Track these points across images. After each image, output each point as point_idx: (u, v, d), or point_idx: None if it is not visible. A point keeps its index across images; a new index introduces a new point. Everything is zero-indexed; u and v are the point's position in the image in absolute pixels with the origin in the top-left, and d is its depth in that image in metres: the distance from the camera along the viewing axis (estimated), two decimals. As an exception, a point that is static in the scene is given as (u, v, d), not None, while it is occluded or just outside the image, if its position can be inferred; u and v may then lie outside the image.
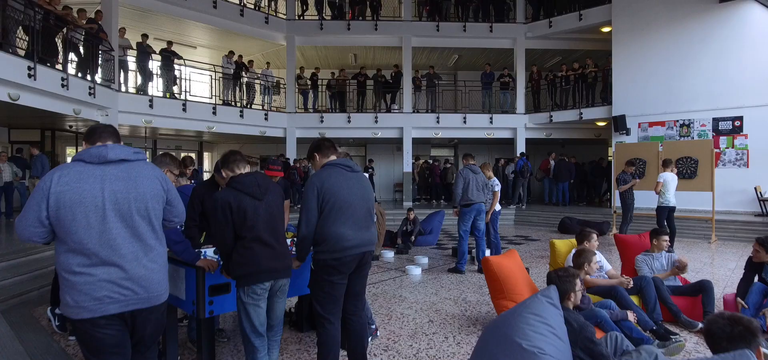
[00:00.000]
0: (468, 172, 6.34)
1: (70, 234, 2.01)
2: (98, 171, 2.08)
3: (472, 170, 6.41)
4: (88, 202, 2.03)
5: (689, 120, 12.12)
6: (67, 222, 2.00)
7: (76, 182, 2.04)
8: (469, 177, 6.30)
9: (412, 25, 15.26)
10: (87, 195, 2.03)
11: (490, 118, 15.23)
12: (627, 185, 8.66)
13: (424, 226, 9.09)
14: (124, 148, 2.17)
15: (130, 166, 2.14)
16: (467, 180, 6.26)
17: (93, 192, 2.04)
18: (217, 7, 13.19)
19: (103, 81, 10.69)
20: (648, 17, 12.67)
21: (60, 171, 2.07)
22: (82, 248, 2.02)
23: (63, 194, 2.00)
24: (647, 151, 10.48)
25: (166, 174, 2.44)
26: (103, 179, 2.07)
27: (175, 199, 2.27)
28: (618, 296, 3.91)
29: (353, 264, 2.88)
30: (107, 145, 2.15)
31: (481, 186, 6.49)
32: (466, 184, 6.25)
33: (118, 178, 2.09)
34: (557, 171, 14.32)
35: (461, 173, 6.31)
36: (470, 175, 6.33)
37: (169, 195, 2.24)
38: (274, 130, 14.94)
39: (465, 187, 6.24)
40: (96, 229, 2.03)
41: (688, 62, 12.05)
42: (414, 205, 15.09)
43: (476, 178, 6.40)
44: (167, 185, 2.25)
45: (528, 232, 11.25)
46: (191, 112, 12.59)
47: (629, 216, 8.82)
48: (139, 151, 2.22)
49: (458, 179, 6.27)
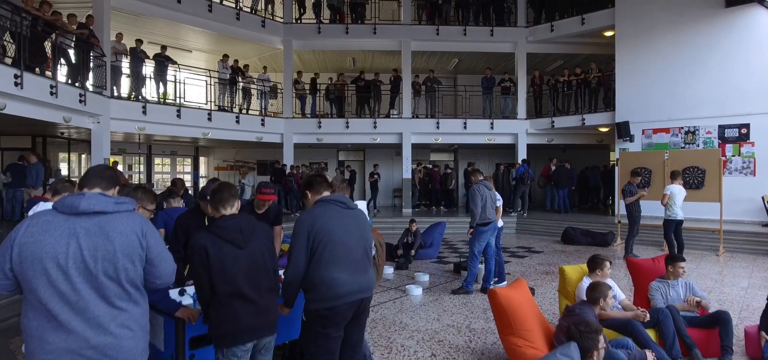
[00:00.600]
0: (483, 188, 6.10)
1: (32, 290, 1.80)
2: (68, 223, 1.84)
3: (486, 187, 6.17)
4: (50, 258, 1.79)
5: (694, 127, 11.88)
6: (30, 277, 1.79)
7: (41, 234, 1.81)
8: (485, 194, 6.06)
9: (411, 28, 14.99)
10: (50, 249, 1.80)
11: (491, 123, 14.97)
12: (633, 197, 8.40)
13: (425, 239, 8.83)
14: (102, 199, 1.91)
15: (105, 219, 1.88)
16: (483, 197, 6.02)
17: (57, 247, 1.80)
18: (212, 10, 12.90)
19: (94, 88, 10.40)
20: (652, 21, 12.42)
21: (30, 220, 1.86)
22: (42, 308, 1.79)
23: (27, 246, 1.79)
24: (653, 160, 10.23)
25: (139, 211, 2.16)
26: (71, 233, 1.83)
27: (157, 257, 1.96)
28: (634, 332, 3.65)
29: (349, 313, 2.59)
30: (83, 195, 1.92)
31: (492, 202, 6.26)
32: (484, 203, 6.00)
33: (89, 232, 1.84)
34: (557, 177, 14.07)
35: (477, 190, 6.05)
36: (486, 192, 6.09)
37: (151, 252, 1.95)
38: (271, 135, 14.66)
39: (483, 206, 6.00)
40: (57, 289, 1.79)
41: (694, 68, 11.81)
42: (414, 212, 14.83)
43: (490, 195, 6.17)
44: (149, 240, 1.95)
45: (530, 242, 11.00)
46: (186, 118, 12.30)
47: (636, 228, 8.55)
48: (122, 202, 1.96)
49: (475, 197, 6.01)
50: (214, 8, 12.96)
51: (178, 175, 17.35)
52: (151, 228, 2.00)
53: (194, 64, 17.02)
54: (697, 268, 7.86)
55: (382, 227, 12.48)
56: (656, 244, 10.03)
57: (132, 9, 11.75)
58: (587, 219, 12.51)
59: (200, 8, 12.68)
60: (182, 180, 5.33)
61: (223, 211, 2.42)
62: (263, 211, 4.21)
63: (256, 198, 4.15)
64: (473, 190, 6.08)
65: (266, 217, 4.23)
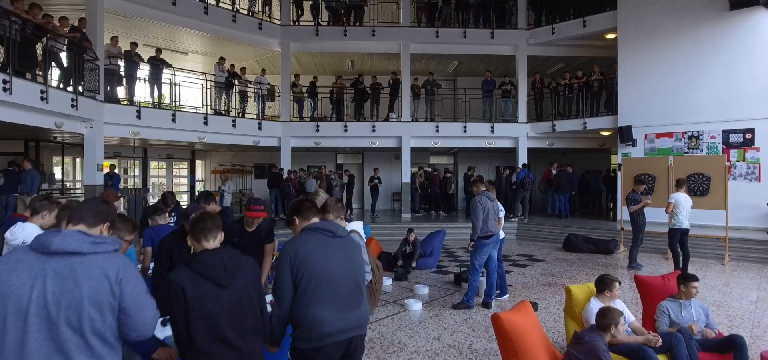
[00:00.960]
0: (486, 200, 5.89)
1: None
2: (38, 263, 1.66)
3: (489, 198, 5.96)
4: (11, 301, 1.61)
5: (698, 132, 11.69)
6: None
7: (7, 273, 1.64)
8: (487, 206, 5.85)
9: (410, 31, 14.79)
10: (14, 291, 1.62)
11: (491, 127, 14.77)
12: (638, 205, 8.21)
13: (424, 248, 8.63)
14: (78, 238, 1.71)
15: (79, 260, 1.68)
16: (486, 209, 5.81)
17: (21, 289, 1.62)
18: (208, 13, 12.69)
19: (87, 92, 10.19)
20: (655, 24, 12.24)
21: (4, 257, 1.73)
22: None
23: None
24: (656, 166, 10.04)
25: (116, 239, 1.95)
26: (38, 275, 1.64)
27: (133, 307, 1.73)
28: (646, 359, 3.45)
29: (337, 354, 2.37)
30: (59, 232, 1.72)
31: (495, 213, 6.06)
32: (486, 215, 5.80)
33: (58, 275, 1.65)
34: (558, 182, 13.88)
35: (479, 202, 5.84)
36: (488, 204, 5.88)
37: (125, 301, 1.72)
38: (268, 139, 14.45)
39: (485, 218, 5.79)
40: (11, 336, 1.61)
41: (697, 71, 11.62)
42: (414, 217, 14.65)
43: (493, 206, 5.97)
44: (124, 287, 1.72)
45: (532, 249, 10.80)
46: (181, 122, 12.10)
47: (640, 237, 8.37)
48: (101, 242, 1.76)
49: (476, 209, 5.80)
50: (210, 10, 12.75)
51: (174, 178, 17.16)
52: (131, 272, 1.77)
53: (190, 67, 16.83)
54: (703, 278, 7.65)
55: (380, 234, 12.29)
56: (659, 252, 9.85)
57: (126, 11, 11.54)
58: (589, 225, 12.31)
59: (196, 10, 12.47)
60: (172, 194, 5.12)
61: (206, 244, 2.21)
62: (254, 229, 4.02)
63: (246, 215, 3.96)
64: (475, 202, 5.87)
65: (257, 234, 4.04)
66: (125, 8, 11.43)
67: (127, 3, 11.28)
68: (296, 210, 2.62)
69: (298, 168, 14.96)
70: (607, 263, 9.01)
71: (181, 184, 17.55)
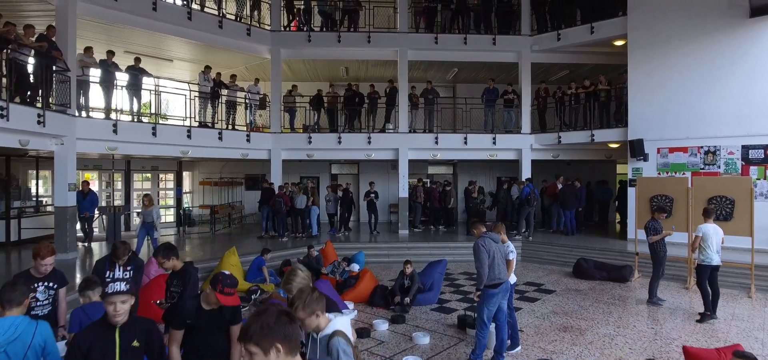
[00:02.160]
0: (489, 242, 5.10)
1: None
2: None
3: (492, 239, 5.18)
4: None
5: (715, 147, 10.95)
6: None
7: None
8: (492, 249, 5.06)
9: (408, 37, 14.00)
10: None
11: (493, 138, 14.00)
12: (659, 236, 7.45)
13: (424, 280, 7.84)
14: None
15: None
16: (491, 254, 5.03)
17: None
18: (192, 18, 11.87)
19: (57, 106, 9.37)
20: (668, 32, 11.50)
21: None
22: None
23: None
24: (674, 187, 9.29)
25: None
26: None
27: None
28: None
29: None
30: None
31: (503, 256, 5.28)
32: (492, 260, 5.01)
33: None
34: (564, 197, 13.12)
35: (482, 245, 5.04)
36: (493, 247, 5.10)
37: None
38: (258, 152, 13.65)
39: (491, 264, 5.01)
40: None
41: (715, 82, 10.88)
42: (412, 233, 13.87)
43: (499, 249, 5.18)
44: None
45: (539, 274, 10.03)
46: (162, 136, 11.28)
47: (661, 270, 7.61)
48: None
49: (480, 254, 5.00)
50: (195, 16, 11.93)
51: (159, 191, 16.31)
52: None
53: (176, 74, 16.06)
54: (732, 317, 6.92)
55: (376, 256, 11.53)
56: (678, 280, 9.11)
57: (102, 17, 10.71)
58: (598, 245, 11.55)
59: (178, 16, 11.66)
60: (125, 244, 4.30)
61: None
62: (216, 307, 3.20)
63: (210, 293, 3.14)
64: (477, 247, 5.08)
65: (219, 314, 3.22)
66: (101, 14, 10.61)
67: (102, 9, 10.46)
68: (282, 338, 1.74)
69: (291, 183, 14.15)
70: (623, 295, 8.25)
71: (167, 197, 16.71)
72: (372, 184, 13.73)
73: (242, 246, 11.79)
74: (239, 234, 14.13)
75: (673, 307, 7.50)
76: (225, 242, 12.46)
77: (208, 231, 14.01)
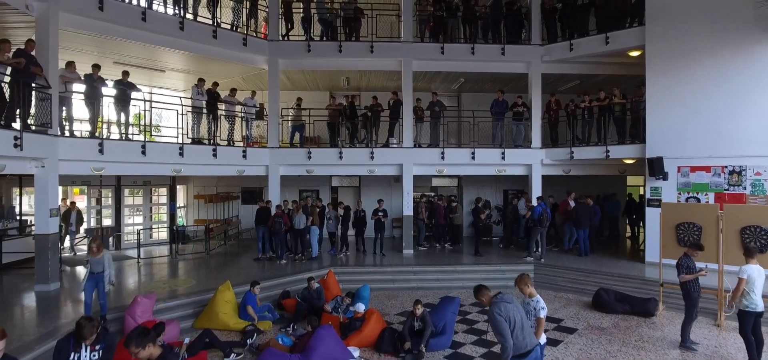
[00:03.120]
0: (506, 307, 4.34)
1: None
2: None
3: (506, 301, 4.43)
4: None
5: (740, 166, 10.32)
6: None
7: None
8: (512, 314, 4.34)
9: (412, 47, 13.32)
10: None
11: (502, 153, 13.34)
12: (692, 275, 6.79)
13: (435, 321, 7.16)
14: None
15: None
16: (512, 320, 4.32)
17: None
18: (184, 28, 11.16)
19: (36, 126, 8.67)
20: (690, 43, 10.85)
21: None
22: None
23: None
24: (702, 214, 8.62)
25: None
26: None
27: None
28: None
29: None
30: None
31: (525, 316, 4.60)
32: (514, 327, 4.31)
33: None
34: (577, 216, 12.46)
35: (497, 314, 4.27)
36: (511, 311, 4.37)
37: None
38: (254, 168, 12.94)
39: (513, 329, 4.30)
40: None
41: (741, 97, 10.24)
42: (418, 253, 13.21)
43: (520, 310, 4.48)
44: None
45: (556, 306, 9.36)
46: (153, 154, 10.56)
47: (694, 312, 6.97)
48: None
49: (499, 325, 4.24)
50: (187, 26, 11.23)
51: (151, 205, 15.59)
52: None
53: (170, 83, 15.37)
54: (779, 368, 6.27)
55: (381, 282, 10.86)
56: (707, 313, 8.47)
57: (88, 28, 9.99)
58: (615, 268, 10.89)
59: (169, 26, 10.96)
60: (91, 321, 3.58)
61: None
62: None
63: None
64: (494, 317, 4.29)
65: None
66: (86, 25, 9.89)
67: (87, 20, 9.75)
68: None
69: (291, 200, 13.45)
70: (652, 336, 7.59)
71: (160, 212, 16.00)
72: (380, 203, 13.00)
73: (238, 269, 11.12)
74: (235, 253, 13.44)
75: (709, 353, 6.85)
76: (220, 264, 11.78)
77: (203, 250, 13.31)
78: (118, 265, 11.80)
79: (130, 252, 13.18)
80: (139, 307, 7.11)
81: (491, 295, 4.52)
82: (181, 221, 16.06)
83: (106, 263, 7.21)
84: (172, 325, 7.29)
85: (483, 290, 4.60)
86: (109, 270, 7.25)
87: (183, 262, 12.06)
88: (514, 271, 11.50)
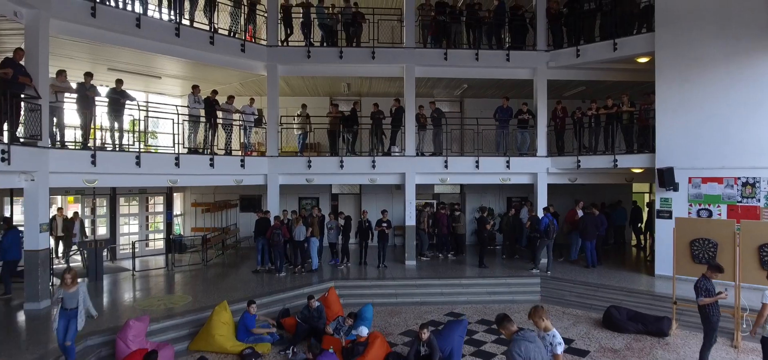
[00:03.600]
0: (524, 345, 4.02)
1: None
2: None
3: (527, 339, 4.11)
4: None
5: (755, 178, 10.00)
6: None
7: None
8: (532, 354, 4.02)
9: (415, 52, 12.99)
10: None
11: (507, 161, 13.01)
12: (711, 299, 6.47)
13: (442, 345, 6.83)
14: None
15: None
16: (532, 359, 4.00)
17: None
18: (180, 35, 10.83)
19: (25, 138, 8.33)
20: (701, 50, 10.53)
21: None
22: None
23: None
24: (718, 231, 8.30)
25: None
26: None
27: None
28: None
29: None
30: None
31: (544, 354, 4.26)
32: None
33: None
34: (584, 227, 12.13)
35: (518, 353, 3.98)
36: (532, 350, 4.05)
37: None
38: (253, 177, 12.61)
39: None
40: None
41: (755, 106, 9.93)
42: (420, 263, 12.88)
43: (540, 348, 4.15)
44: None
45: (565, 323, 9.04)
46: (147, 165, 10.23)
47: (713, 337, 6.63)
48: None
49: None
50: (183, 32, 10.90)
51: (148, 214, 15.23)
52: None
53: (166, 89, 15.04)
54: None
55: (383, 297, 10.54)
56: (723, 333, 8.10)
57: (81, 35, 9.65)
58: (624, 283, 10.56)
59: (165, 33, 10.63)
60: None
61: None
62: None
63: None
64: (513, 357, 3.99)
65: None
66: (79, 32, 9.56)
67: (79, 27, 9.42)
68: None
69: (291, 210, 13.10)
70: (664, 357, 7.27)
71: (156, 221, 15.64)
72: (384, 214, 12.64)
73: (236, 282, 10.78)
74: (233, 264, 13.10)
75: (729, 379, 6.53)
76: (218, 276, 11.45)
77: (200, 261, 12.97)
78: (112, 277, 11.48)
79: (125, 263, 12.84)
80: (130, 331, 6.78)
81: (514, 330, 4.19)
82: (177, 230, 15.71)
83: (81, 299, 6.24)
84: (165, 349, 6.97)
85: (506, 323, 4.27)
86: (85, 306, 6.30)
87: (179, 274, 11.72)
88: (520, 285, 11.22)
